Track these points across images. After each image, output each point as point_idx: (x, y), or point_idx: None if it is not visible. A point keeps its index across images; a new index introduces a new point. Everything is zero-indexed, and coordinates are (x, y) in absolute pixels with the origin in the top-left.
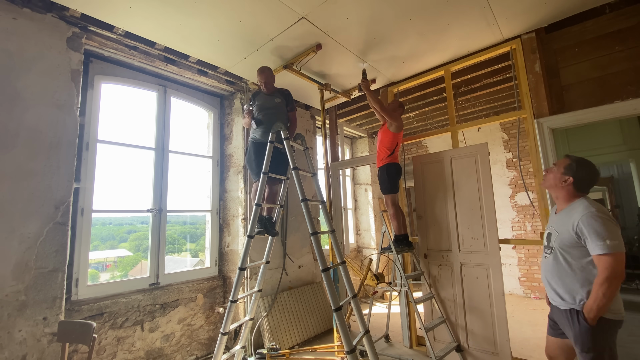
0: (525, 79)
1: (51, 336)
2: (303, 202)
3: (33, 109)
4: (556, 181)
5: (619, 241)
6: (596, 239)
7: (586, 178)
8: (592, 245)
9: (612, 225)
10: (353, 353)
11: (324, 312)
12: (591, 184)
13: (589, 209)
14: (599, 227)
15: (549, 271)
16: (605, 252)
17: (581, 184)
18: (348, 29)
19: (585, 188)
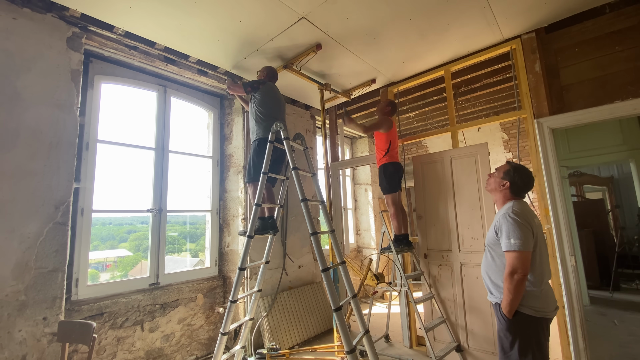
0: (525, 79)
1: (51, 336)
2: (303, 202)
3: (33, 109)
4: (496, 185)
5: (522, 241)
6: (504, 237)
7: (520, 183)
8: (502, 243)
9: (520, 226)
10: (353, 353)
11: (324, 312)
12: (525, 188)
13: (508, 210)
14: (508, 226)
15: (482, 266)
16: (508, 249)
17: (516, 188)
18: (348, 29)
19: (520, 192)
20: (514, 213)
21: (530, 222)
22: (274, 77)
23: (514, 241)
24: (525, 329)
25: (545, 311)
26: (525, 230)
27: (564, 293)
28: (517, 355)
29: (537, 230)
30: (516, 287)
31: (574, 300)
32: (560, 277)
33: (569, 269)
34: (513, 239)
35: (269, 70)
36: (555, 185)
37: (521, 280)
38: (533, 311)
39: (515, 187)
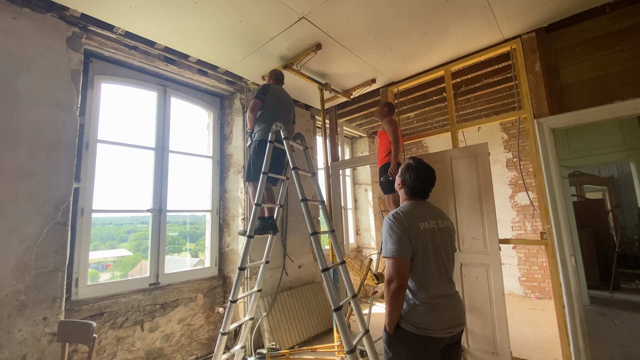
0: (525, 79)
1: (51, 336)
2: (303, 202)
3: (33, 109)
4: (396, 186)
5: (397, 246)
6: (382, 242)
7: (414, 184)
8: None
9: (393, 231)
10: (353, 353)
11: (324, 312)
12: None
13: (389, 213)
14: (384, 230)
15: None
16: (384, 256)
17: (409, 189)
18: (348, 29)
19: (414, 193)
20: (393, 216)
21: (409, 226)
22: (279, 79)
23: (390, 246)
24: (401, 347)
25: (430, 329)
26: (400, 235)
27: (564, 293)
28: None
29: (424, 236)
30: (392, 297)
31: (574, 300)
32: (560, 277)
33: (569, 269)
34: (389, 244)
35: (274, 73)
36: (555, 185)
37: (397, 289)
38: (414, 328)
39: (407, 187)
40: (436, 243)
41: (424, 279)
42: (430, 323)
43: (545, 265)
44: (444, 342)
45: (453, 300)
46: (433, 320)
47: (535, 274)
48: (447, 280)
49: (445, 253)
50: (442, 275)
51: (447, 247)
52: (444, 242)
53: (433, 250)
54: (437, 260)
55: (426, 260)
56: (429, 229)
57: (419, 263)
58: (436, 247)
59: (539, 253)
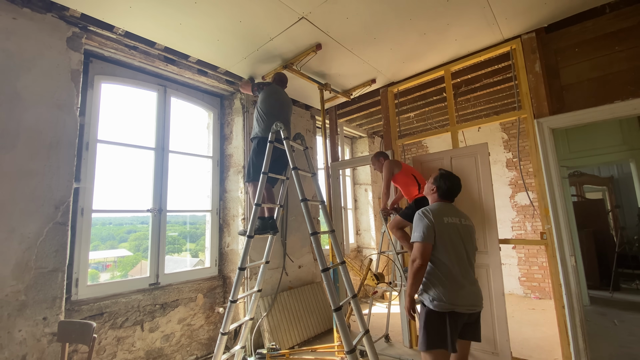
0: (525, 79)
1: (51, 336)
2: (303, 202)
3: (33, 109)
4: (427, 190)
5: (419, 233)
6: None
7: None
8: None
9: (419, 222)
10: (353, 353)
11: (324, 312)
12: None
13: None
14: (415, 221)
15: None
16: (412, 241)
17: (441, 192)
18: (348, 29)
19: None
20: (422, 211)
21: (434, 219)
22: (282, 81)
23: (417, 233)
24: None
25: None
26: (426, 225)
27: (564, 293)
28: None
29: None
30: (414, 273)
31: (574, 300)
32: (560, 277)
33: (569, 269)
34: (416, 231)
35: (277, 75)
36: (555, 185)
37: (419, 267)
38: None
39: (440, 190)
40: (458, 235)
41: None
42: (444, 300)
43: (545, 265)
44: (464, 318)
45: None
46: (444, 297)
47: (535, 274)
48: (468, 266)
49: (465, 245)
50: (463, 261)
51: (468, 241)
52: (465, 236)
53: (454, 241)
54: (458, 249)
55: (448, 247)
56: (452, 224)
57: (442, 249)
58: (457, 239)
59: (539, 253)
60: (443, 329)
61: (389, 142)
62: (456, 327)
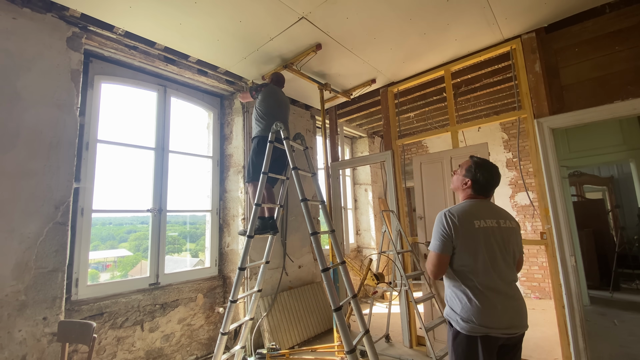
0: (525, 79)
1: (51, 336)
2: (303, 202)
3: (33, 109)
4: (458, 183)
5: (435, 242)
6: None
7: (482, 180)
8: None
9: (438, 226)
10: (353, 353)
11: (324, 312)
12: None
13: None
14: (435, 225)
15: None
16: (429, 248)
17: (478, 186)
18: (348, 29)
19: (481, 191)
20: (445, 214)
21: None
22: (279, 81)
23: (433, 242)
24: (458, 346)
25: (475, 330)
26: (445, 233)
27: (564, 293)
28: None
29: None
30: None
31: (574, 300)
32: (560, 277)
33: (569, 269)
34: (433, 239)
35: (275, 75)
36: (555, 185)
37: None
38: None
39: (476, 185)
40: (494, 241)
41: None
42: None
43: (545, 265)
44: (499, 342)
45: (516, 301)
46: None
47: (535, 274)
48: (507, 279)
49: (504, 252)
50: (501, 273)
51: (508, 247)
52: (506, 241)
53: (489, 248)
54: (493, 258)
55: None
56: (487, 227)
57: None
58: (494, 245)
59: (539, 253)
60: (474, 355)
61: (389, 142)
62: (491, 354)
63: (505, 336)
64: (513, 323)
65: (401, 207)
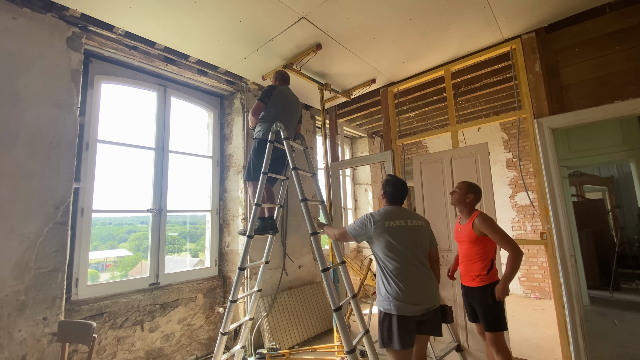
0: (525, 79)
1: (51, 336)
2: (303, 202)
3: (33, 109)
4: (379, 195)
5: (354, 227)
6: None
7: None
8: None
9: (361, 221)
10: (353, 353)
11: (324, 312)
12: (396, 196)
13: (373, 211)
14: (360, 217)
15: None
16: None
17: (389, 196)
18: (348, 29)
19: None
20: (371, 213)
21: (379, 221)
22: (285, 79)
23: (351, 225)
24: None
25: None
26: (362, 226)
27: (564, 293)
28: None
29: (391, 230)
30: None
31: (574, 300)
32: (560, 277)
33: (569, 269)
34: (353, 224)
35: (279, 74)
36: (555, 185)
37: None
38: (384, 307)
39: (388, 195)
40: (406, 236)
41: (394, 264)
42: (403, 300)
43: (545, 265)
44: (416, 319)
45: (427, 283)
46: (404, 298)
47: (535, 274)
48: (420, 265)
49: (414, 244)
50: (412, 261)
51: (418, 240)
52: (415, 236)
53: (401, 242)
54: (406, 249)
55: (394, 248)
56: (398, 226)
57: (387, 250)
58: (405, 239)
59: (539, 253)
60: (394, 329)
61: (389, 142)
62: (408, 328)
63: (422, 312)
64: (425, 300)
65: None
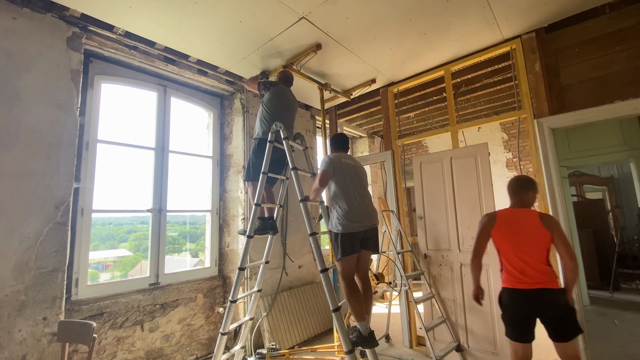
0: (525, 79)
1: (51, 336)
2: (302, 202)
3: (33, 109)
4: (329, 149)
5: (323, 166)
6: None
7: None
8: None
9: (324, 161)
10: (352, 353)
11: (324, 312)
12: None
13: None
14: (323, 159)
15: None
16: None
17: (334, 146)
18: (348, 29)
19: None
20: (328, 156)
21: (335, 160)
22: (288, 80)
23: (320, 168)
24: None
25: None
26: (327, 164)
27: None
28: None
29: (343, 167)
30: (316, 193)
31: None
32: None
33: None
34: (320, 167)
35: (283, 74)
36: (555, 185)
37: (318, 189)
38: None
39: (333, 145)
40: (352, 173)
41: (344, 188)
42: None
43: None
44: (360, 235)
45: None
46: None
47: None
48: (363, 193)
49: (357, 178)
50: (357, 189)
51: (359, 176)
52: (357, 173)
53: (349, 177)
54: (353, 180)
55: (346, 177)
56: (346, 163)
57: (341, 179)
58: (353, 174)
59: None
60: (345, 244)
61: (389, 142)
62: (354, 242)
63: (363, 229)
64: (367, 219)
65: (401, 207)
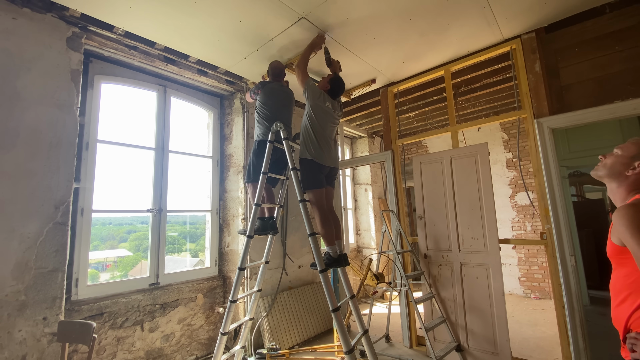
0: (525, 79)
1: (51, 336)
2: (301, 202)
3: (33, 109)
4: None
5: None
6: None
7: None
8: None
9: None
10: (351, 353)
11: (324, 312)
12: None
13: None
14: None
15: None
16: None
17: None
18: (348, 29)
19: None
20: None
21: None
22: (278, 74)
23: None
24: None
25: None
26: (315, 88)
27: (564, 293)
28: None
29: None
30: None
31: (574, 300)
32: (560, 277)
33: (569, 269)
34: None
35: (271, 69)
36: (555, 185)
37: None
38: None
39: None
40: (330, 114)
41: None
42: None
43: (545, 265)
44: (325, 170)
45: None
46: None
47: (535, 274)
48: (329, 134)
49: (331, 122)
50: (328, 130)
51: (333, 120)
52: (333, 117)
53: (326, 117)
54: (325, 122)
55: (323, 120)
56: (327, 107)
57: (319, 116)
58: (330, 116)
59: (539, 253)
60: (315, 172)
61: (389, 142)
62: (321, 174)
63: (329, 165)
64: (329, 159)
65: (401, 207)
